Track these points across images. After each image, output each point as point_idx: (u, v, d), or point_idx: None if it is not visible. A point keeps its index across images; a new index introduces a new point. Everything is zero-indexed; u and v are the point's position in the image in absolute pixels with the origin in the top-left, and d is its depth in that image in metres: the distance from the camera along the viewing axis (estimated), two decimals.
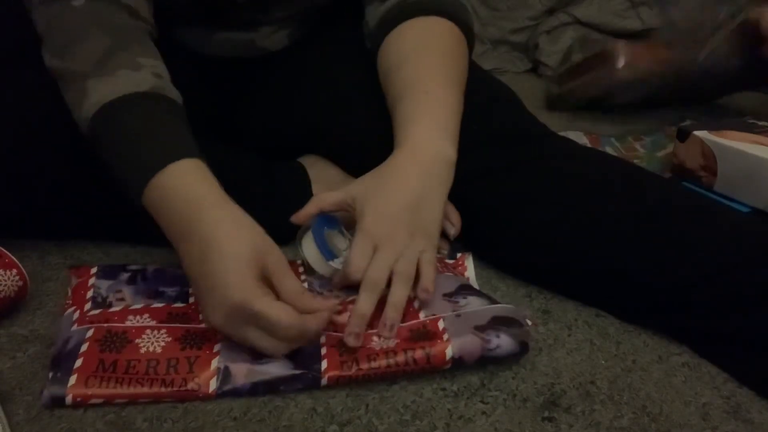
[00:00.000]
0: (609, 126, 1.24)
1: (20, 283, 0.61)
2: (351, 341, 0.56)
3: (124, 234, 0.75)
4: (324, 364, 0.55)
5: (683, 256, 0.61)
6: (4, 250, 0.61)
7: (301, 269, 0.68)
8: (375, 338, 0.57)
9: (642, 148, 1.09)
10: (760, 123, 0.91)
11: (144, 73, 0.61)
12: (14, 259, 0.61)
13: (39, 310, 0.64)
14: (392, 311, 0.58)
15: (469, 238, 0.74)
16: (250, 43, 0.79)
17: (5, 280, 0.60)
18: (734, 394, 0.56)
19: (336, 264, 0.63)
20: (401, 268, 0.59)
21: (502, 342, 0.56)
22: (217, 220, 0.54)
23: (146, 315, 0.59)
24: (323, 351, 0.56)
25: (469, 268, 0.71)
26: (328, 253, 0.64)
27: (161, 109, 0.60)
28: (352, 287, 0.64)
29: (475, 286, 0.68)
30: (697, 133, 0.86)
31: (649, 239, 0.63)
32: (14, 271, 0.61)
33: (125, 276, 0.65)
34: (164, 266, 0.67)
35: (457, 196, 0.71)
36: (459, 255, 0.73)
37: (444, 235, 0.73)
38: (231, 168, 0.76)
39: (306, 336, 0.54)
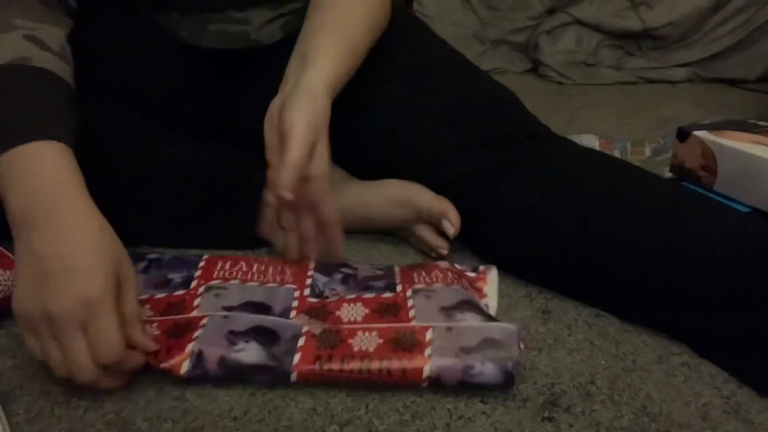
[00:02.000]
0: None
1: None
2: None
3: (123, 234, 0.75)
4: (296, 358, 0.54)
5: (683, 254, 0.61)
6: (4, 250, 0.61)
7: (310, 266, 0.68)
8: (360, 333, 0.57)
9: (651, 152, 1.08)
10: (760, 123, 0.91)
11: (13, 36, 0.57)
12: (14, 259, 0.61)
13: None
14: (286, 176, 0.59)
15: (469, 238, 0.74)
16: (243, 35, 0.79)
17: (5, 280, 0.60)
18: (734, 394, 0.56)
19: None
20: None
21: (486, 369, 0.53)
22: (81, 209, 0.51)
23: (147, 306, 0.60)
24: (301, 341, 0.56)
25: (492, 283, 0.69)
26: None
27: (22, 83, 0.56)
28: (351, 288, 0.64)
29: (494, 300, 0.66)
30: (697, 133, 0.86)
31: (649, 237, 0.63)
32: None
33: (142, 265, 0.66)
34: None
35: (457, 195, 0.71)
36: (481, 268, 0.70)
37: (443, 234, 0.73)
38: (230, 167, 0.76)
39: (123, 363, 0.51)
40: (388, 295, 0.63)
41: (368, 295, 0.63)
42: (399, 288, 0.64)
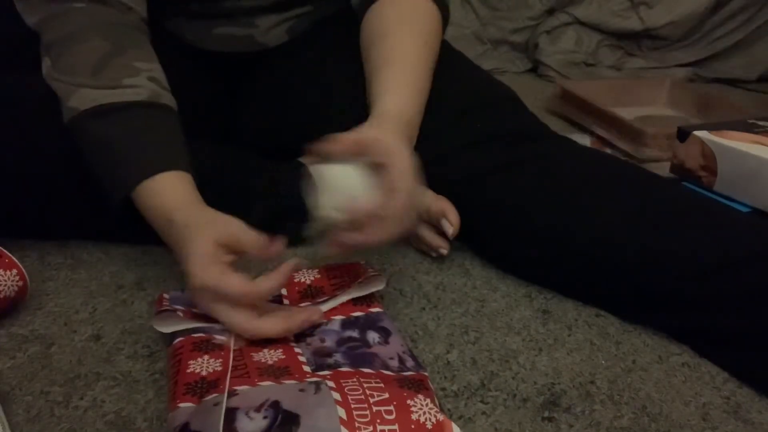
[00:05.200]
0: None
1: (20, 283, 0.61)
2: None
3: (122, 234, 0.75)
4: None
5: (684, 254, 0.61)
6: (4, 250, 0.61)
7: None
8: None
9: None
10: (760, 123, 0.91)
11: (141, 79, 0.63)
12: (14, 259, 0.61)
13: (39, 310, 0.64)
14: None
15: (470, 236, 0.74)
16: (249, 39, 0.79)
17: (5, 280, 0.60)
18: (734, 394, 0.56)
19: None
20: None
21: None
22: (184, 222, 0.58)
23: None
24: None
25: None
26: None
27: (153, 118, 0.63)
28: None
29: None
30: (697, 133, 0.86)
31: (650, 237, 0.63)
32: (14, 271, 0.61)
33: None
34: None
35: (458, 194, 0.71)
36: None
37: (443, 234, 0.73)
38: (231, 167, 0.76)
39: (260, 296, 0.55)
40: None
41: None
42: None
